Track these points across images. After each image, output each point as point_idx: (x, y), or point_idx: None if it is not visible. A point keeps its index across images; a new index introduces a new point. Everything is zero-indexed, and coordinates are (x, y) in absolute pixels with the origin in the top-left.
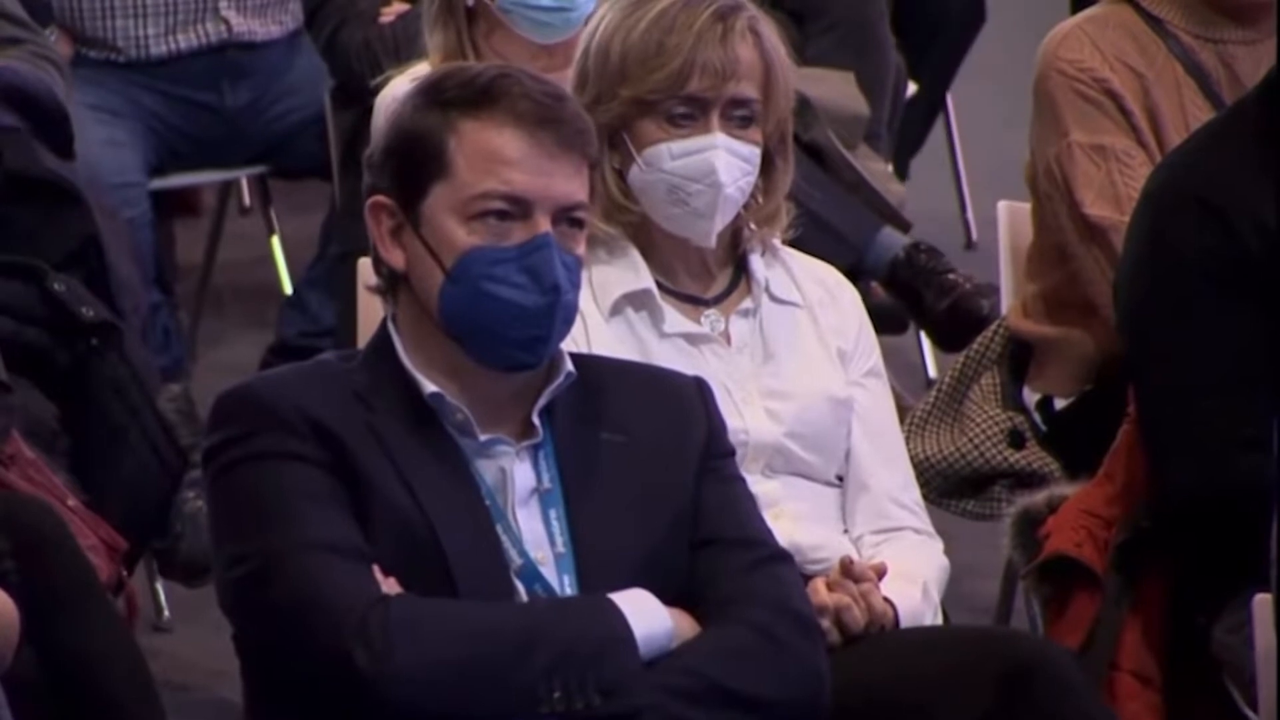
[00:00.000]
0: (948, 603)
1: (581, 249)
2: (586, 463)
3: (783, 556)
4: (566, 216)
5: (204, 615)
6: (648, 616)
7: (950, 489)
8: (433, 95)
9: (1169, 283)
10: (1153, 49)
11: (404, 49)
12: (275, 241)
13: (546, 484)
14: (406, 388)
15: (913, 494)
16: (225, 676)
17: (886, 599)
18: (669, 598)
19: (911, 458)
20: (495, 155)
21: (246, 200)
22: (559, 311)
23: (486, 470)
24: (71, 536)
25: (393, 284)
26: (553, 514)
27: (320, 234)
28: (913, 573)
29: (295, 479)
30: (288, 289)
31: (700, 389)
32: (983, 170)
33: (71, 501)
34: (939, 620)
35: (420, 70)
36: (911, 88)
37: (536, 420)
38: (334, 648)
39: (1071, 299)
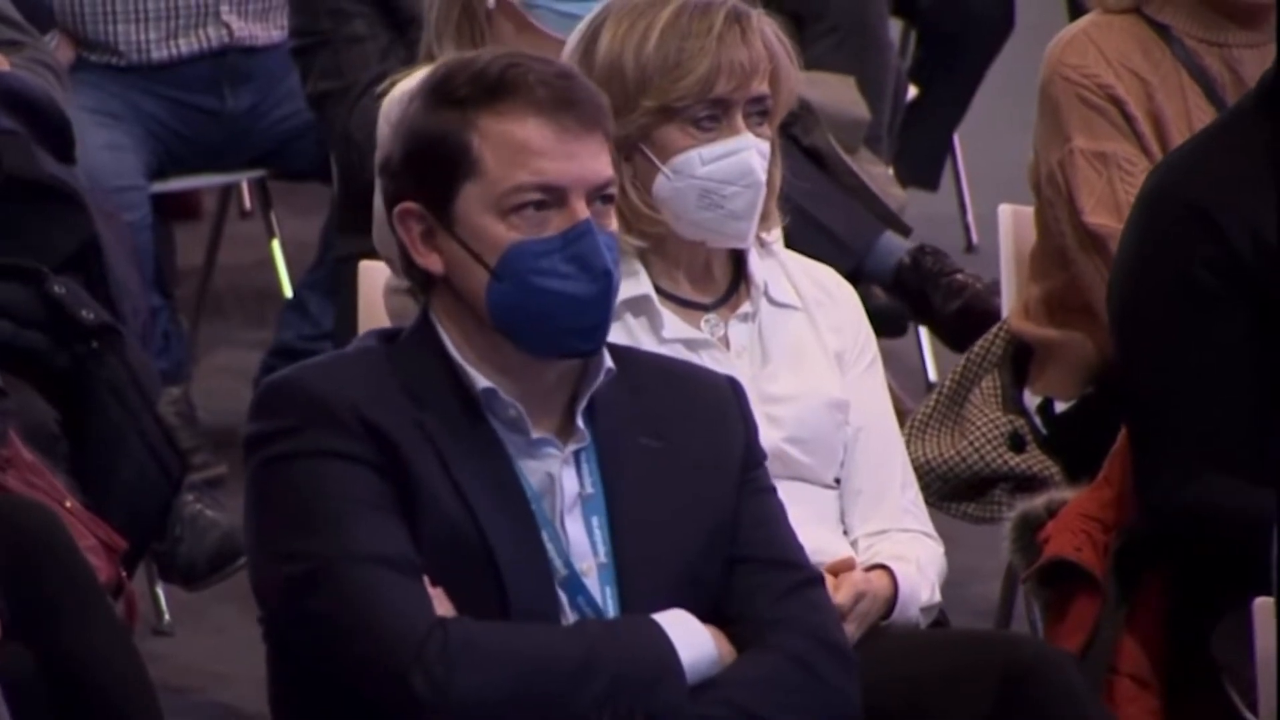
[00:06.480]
0: (949, 606)
1: (615, 224)
2: (628, 468)
3: (817, 579)
4: (599, 195)
5: (204, 619)
6: (693, 643)
7: (950, 492)
8: (443, 94)
9: (1156, 287)
10: (1157, 54)
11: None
12: (275, 245)
13: (589, 489)
14: (456, 381)
15: (911, 494)
16: (225, 680)
17: (882, 565)
18: (704, 610)
19: (912, 461)
20: (523, 147)
21: (247, 204)
22: (611, 295)
23: (532, 474)
24: (71, 540)
25: (426, 286)
26: (595, 521)
27: (320, 237)
28: (905, 554)
29: (348, 481)
30: (288, 292)
31: (735, 391)
32: (983, 173)
33: (70, 502)
34: (936, 597)
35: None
36: (912, 91)
37: (581, 423)
38: (392, 671)
39: (1074, 302)
